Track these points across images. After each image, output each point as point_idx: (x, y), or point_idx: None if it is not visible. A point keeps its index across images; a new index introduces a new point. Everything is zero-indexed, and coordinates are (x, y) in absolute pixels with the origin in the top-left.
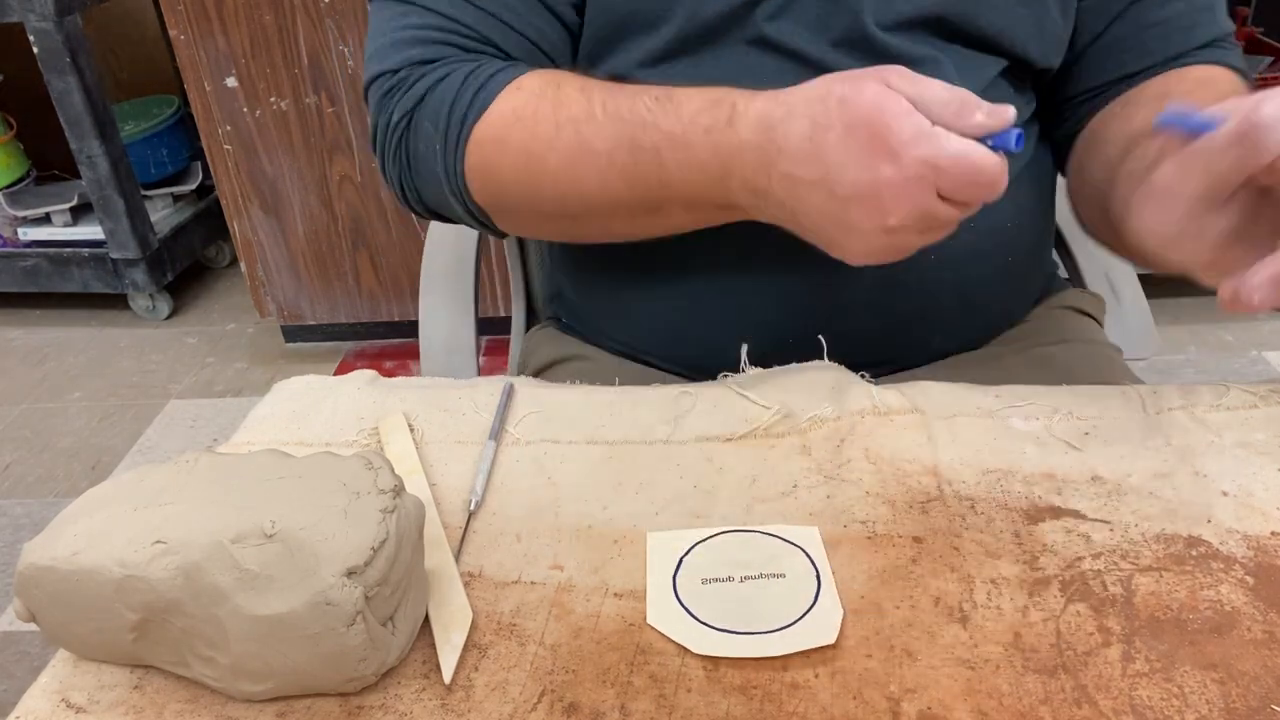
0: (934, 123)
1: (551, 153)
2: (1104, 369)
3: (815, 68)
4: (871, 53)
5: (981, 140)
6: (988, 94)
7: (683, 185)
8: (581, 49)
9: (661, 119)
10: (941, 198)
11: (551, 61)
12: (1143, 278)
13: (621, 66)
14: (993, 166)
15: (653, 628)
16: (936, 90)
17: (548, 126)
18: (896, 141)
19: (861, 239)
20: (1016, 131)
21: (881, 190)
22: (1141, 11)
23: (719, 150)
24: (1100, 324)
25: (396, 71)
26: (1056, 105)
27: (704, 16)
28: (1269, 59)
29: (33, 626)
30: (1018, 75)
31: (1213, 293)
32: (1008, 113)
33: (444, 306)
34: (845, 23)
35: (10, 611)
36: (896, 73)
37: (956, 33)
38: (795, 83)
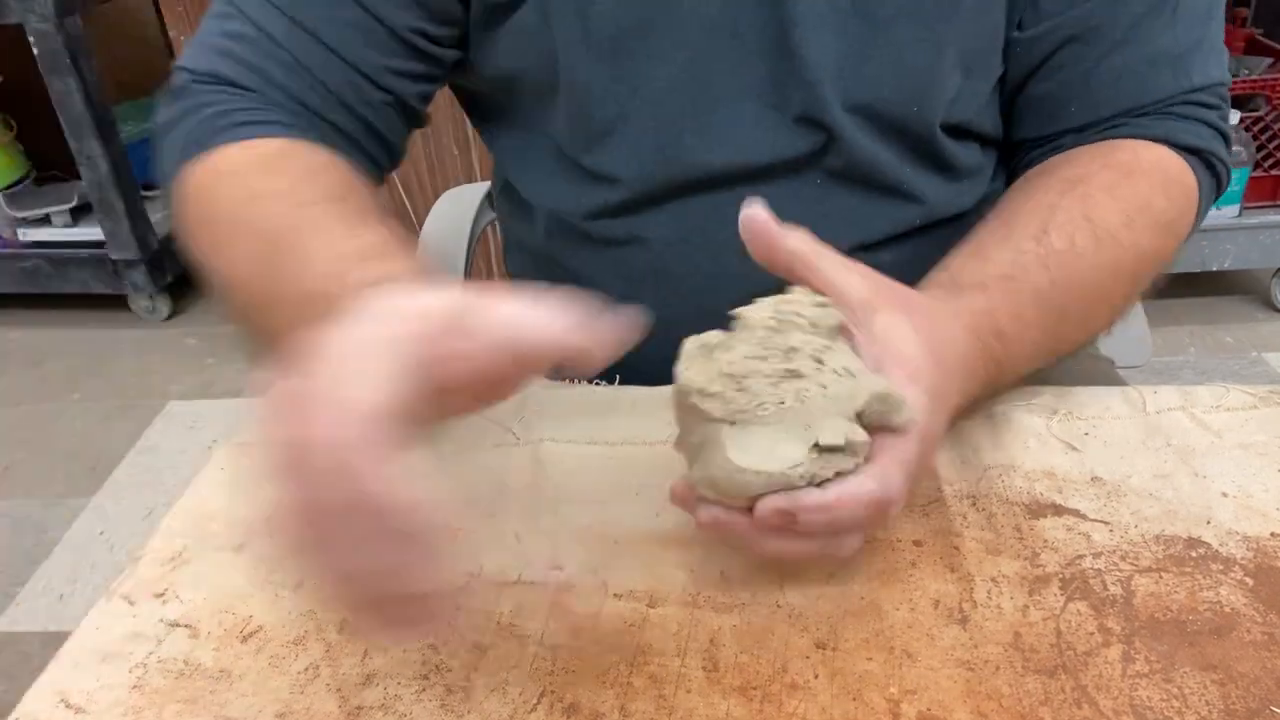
0: None
1: (204, 237)
2: (1091, 380)
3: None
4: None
5: None
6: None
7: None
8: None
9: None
10: None
11: (372, 85)
12: None
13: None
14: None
15: (655, 627)
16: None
17: (209, 210)
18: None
19: None
20: None
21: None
22: (1084, 56)
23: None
24: None
25: (186, 70)
26: (1010, 146)
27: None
28: (1269, 59)
29: (33, 627)
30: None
31: (1212, 293)
32: None
33: None
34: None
35: (10, 611)
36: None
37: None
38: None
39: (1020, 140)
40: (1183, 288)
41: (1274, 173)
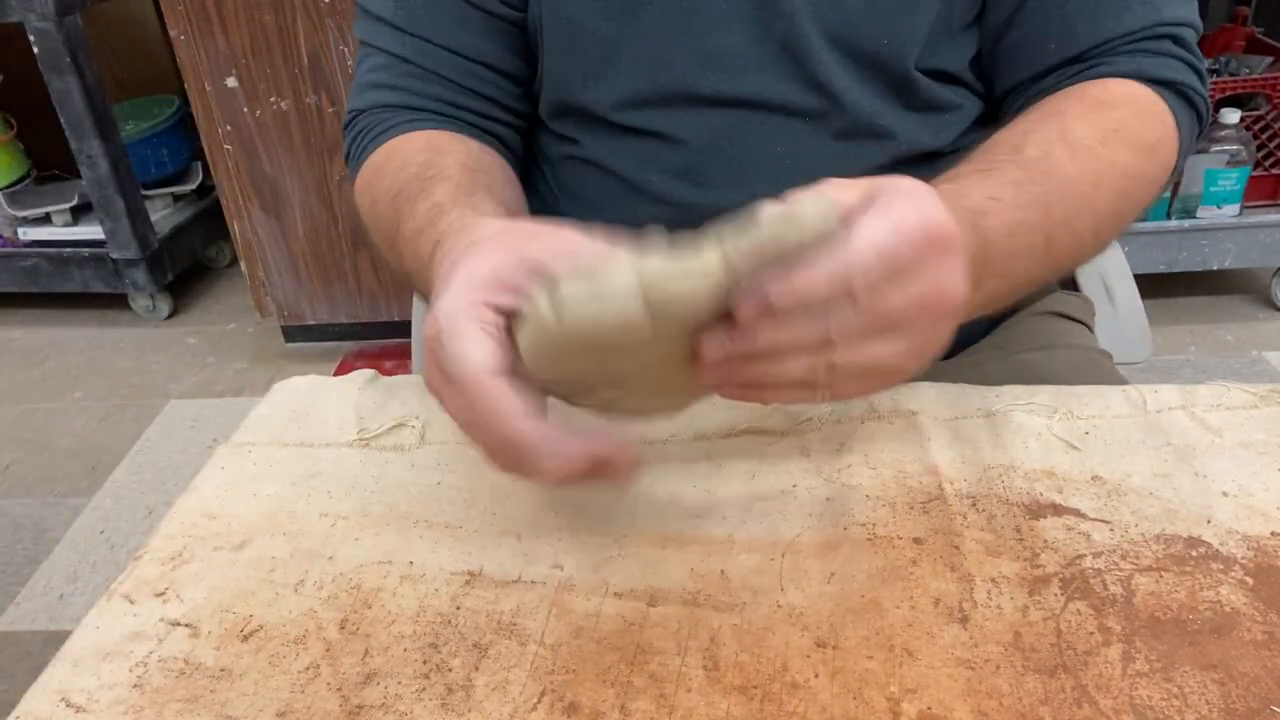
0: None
1: (373, 226)
2: (1091, 374)
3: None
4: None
5: None
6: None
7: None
8: (547, 79)
9: (405, 218)
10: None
11: (504, 77)
12: (1139, 278)
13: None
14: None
15: (656, 626)
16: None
17: (369, 200)
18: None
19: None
20: None
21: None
22: None
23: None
24: (1089, 328)
25: (350, 110)
26: (996, 101)
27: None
28: (1269, 59)
29: (33, 626)
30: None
31: (1212, 292)
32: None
33: None
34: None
35: (10, 611)
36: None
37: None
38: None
39: (1007, 89)
40: (1183, 287)
41: (1274, 172)
